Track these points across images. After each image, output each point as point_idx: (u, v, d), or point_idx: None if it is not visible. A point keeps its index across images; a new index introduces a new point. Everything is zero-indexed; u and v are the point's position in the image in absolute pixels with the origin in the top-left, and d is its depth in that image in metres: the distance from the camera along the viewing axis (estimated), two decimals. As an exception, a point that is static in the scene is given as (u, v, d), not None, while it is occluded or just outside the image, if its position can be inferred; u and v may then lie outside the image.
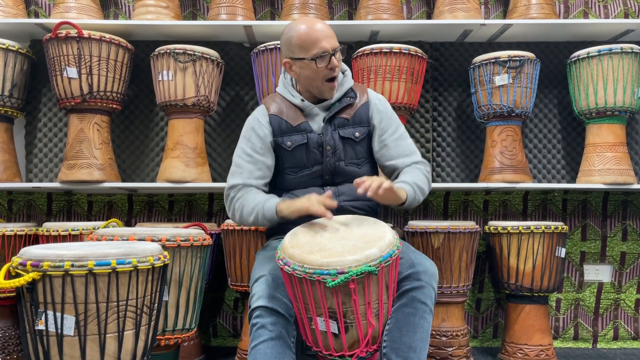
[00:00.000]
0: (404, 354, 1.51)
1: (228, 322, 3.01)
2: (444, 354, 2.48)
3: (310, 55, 1.77)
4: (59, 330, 1.33)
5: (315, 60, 1.77)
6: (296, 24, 1.82)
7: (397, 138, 1.89)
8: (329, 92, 1.85)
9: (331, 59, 1.78)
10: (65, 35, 2.52)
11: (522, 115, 2.70)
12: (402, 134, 1.92)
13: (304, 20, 1.84)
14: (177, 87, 2.59)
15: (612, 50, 2.61)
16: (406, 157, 1.88)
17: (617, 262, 3.03)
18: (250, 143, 1.87)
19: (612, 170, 2.64)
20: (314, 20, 1.83)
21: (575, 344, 3.01)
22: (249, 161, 1.85)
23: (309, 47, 1.77)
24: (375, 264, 1.42)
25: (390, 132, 1.89)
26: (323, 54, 1.77)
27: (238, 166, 1.87)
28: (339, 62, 1.83)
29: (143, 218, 3.03)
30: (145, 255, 1.45)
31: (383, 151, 1.89)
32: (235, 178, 1.85)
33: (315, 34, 1.77)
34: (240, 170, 1.85)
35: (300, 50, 1.79)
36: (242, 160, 1.86)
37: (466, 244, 2.49)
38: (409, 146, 1.91)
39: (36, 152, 2.96)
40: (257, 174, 1.85)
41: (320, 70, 1.79)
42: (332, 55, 1.78)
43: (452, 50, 3.02)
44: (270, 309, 1.53)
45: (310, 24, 1.80)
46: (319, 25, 1.80)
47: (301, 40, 1.77)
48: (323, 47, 1.76)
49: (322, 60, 1.77)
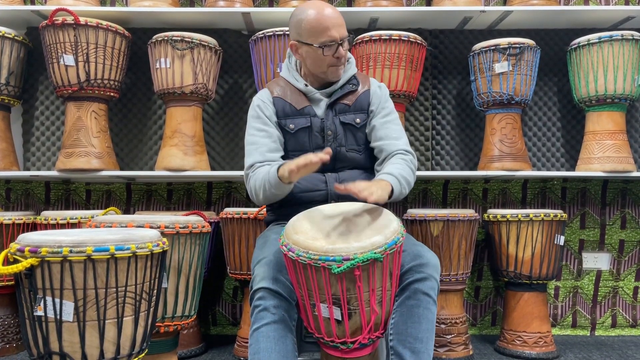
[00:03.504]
0: (411, 345, 1.51)
1: (227, 311, 3.01)
2: (443, 342, 2.49)
3: (318, 43, 1.77)
4: (58, 316, 1.33)
5: (323, 48, 1.76)
6: (307, 7, 1.80)
7: (386, 121, 1.88)
8: (334, 75, 1.85)
9: (338, 48, 1.78)
10: (62, 22, 2.50)
11: (521, 103, 2.69)
12: (393, 119, 1.90)
13: (316, 4, 1.80)
14: (174, 74, 2.57)
15: (612, 37, 2.60)
16: (393, 139, 1.85)
17: (615, 250, 3.03)
18: (261, 119, 1.85)
19: (612, 158, 2.63)
20: (326, 5, 1.79)
21: (573, 331, 3.02)
22: (263, 135, 1.83)
23: (318, 34, 1.76)
24: (381, 251, 1.42)
25: (382, 114, 1.88)
26: (331, 42, 1.76)
27: (253, 143, 1.83)
28: (346, 51, 1.82)
29: (141, 207, 3.02)
30: (144, 242, 1.44)
31: (372, 133, 1.88)
32: (253, 156, 1.81)
33: (326, 22, 1.75)
34: (256, 146, 1.82)
35: (308, 36, 1.78)
36: (256, 137, 1.83)
37: (465, 232, 2.49)
38: (396, 131, 1.88)
39: (33, 141, 2.95)
40: (273, 147, 1.82)
41: (326, 58, 1.79)
42: (340, 44, 1.77)
43: (451, 38, 3.01)
44: (273, 291, 1.52)
45: (321, 9, 1.77)
46: (330, 12, 1.77)
47: (310, 25, 1.76)
48: (332, 36, 1.76)
49: (329, 49, 1.77)
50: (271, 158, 1.80)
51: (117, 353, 1.40)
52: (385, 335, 1.57)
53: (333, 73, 1.84)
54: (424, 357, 1.52)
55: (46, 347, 1.35)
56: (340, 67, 1.84)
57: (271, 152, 1.81)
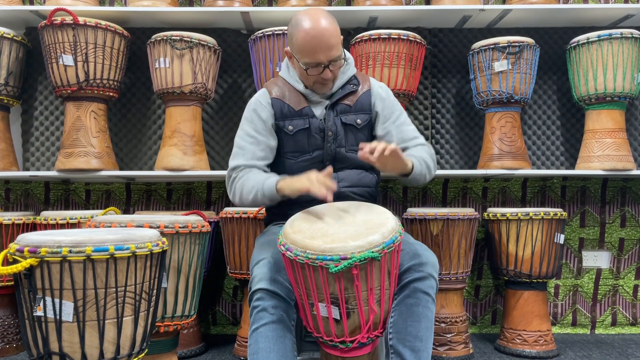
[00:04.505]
0: (410, 343, 1.51)
1: (227, 310, 3.01)
2: (443, 340, 2.49)
3: (303, 63, 1.75)
4: (58, 316, 1.33)
5: (306, 69, 1.76)
6: (303, 19, 1.73)
7: (399, 124, 1.90)
8: (320, 90, 1.84)
9: (324, 70, 1.75)
10: (61, 22, 2.49)
11: (521, 101, 2.69)
12: (404, 120, 1.92)
13: (313, 17, 1.72)
14: (174, 74, 2.57)
15: (612, 35, 2.59)
16: (409, 141, 1.89)
17: (615, 249, 3.03)
18: (253, 124, 1.86)
19: (611, 156, 2.63)
20: (322, 19, 1.72)
21: (573, 329, 3.02)
22: (251, 142, 1.84)
23: (305, 53, 1.73)
24: (378, 250, 1.42)
25: (392, 119, 1.90)
26: (316, 65, 1.74)
27: (240, 147, 1.85)
28: (336, 70, 1.80)
29: (141, 207, 3.02)
30: (144, 241, 1.44)
31: (387, 138, 1.89)
32: (238, 159, 1.84)
33: (313, 44, 1.70)
34: (242, 151, 1.84)
35: (297, 51, 1.76)
36: (244, 141, 1.85)
37: (465, 230, 2.49)
38: (411, 132, 1.92)
39: (33, 141, 2.95)
40: (259, 155, 1.84)
41: (310, 77, 1.79)
42: (326, 67, 1.75)
43: (451, 37, 3.00)
44: (272, 291, 1.52)
45: (315, 26, 1.70)
46: (323, 30, 1.70)
47: (299, 43, 1.73)
48: (317, 60, 1.73)
49: (314, 70, 1.76)
50: (255, 165, 1.83)
51: (117, 353, 1.40)
52: (384, 334, 1.57)
53: (319, 89, 1.84)
54: (424, 356, 1.52)
55: (46, 347, 1.35)
56: (328, 84, 1.82)
57: (256, 159, 1.83)
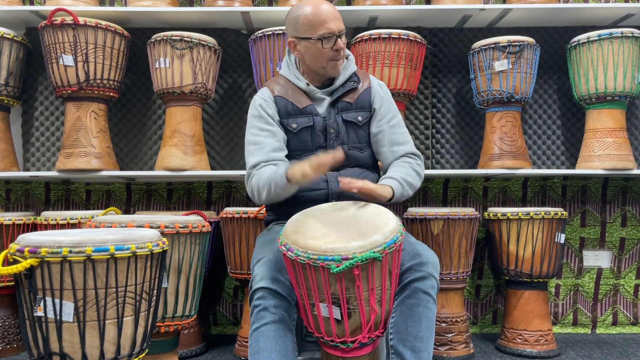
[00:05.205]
0: (411, 344, 1.51)
1: (228, 310, 3.01)
2: (444, 340, 2.49)
3: (317, 35, 1.78)
4: (58, 316, 1.33)
5: (322, 40, 1.78)
6: (303, 3, 1.82)
7: (393, 125, 1.90)
8: (333, 69, 1.85)
9: (337, 40, 1.79)
10: (61, 23, 2.49)
11: (521, 101, 2.69)
12: (398, 122, 1.93)
13: (311, 1, 1.83)
14: (174, 74, 2.57)
15: (612, 34, 2.59)
16: (400, 145, 1.89)
17: (616, 248, 3.03)
18: (263, 119, 1.84)
19: (612, 155, 2.63)
20: (321, 1, 1.83)
21: (574, 329, 3.02)
22: (267, 135, 1.81)
23: (316, 27, 1.77)
24: (380, 250, 1.41)
25: (387, 118, 1.90)
26: (329, 35, 1.77)
27: (257, 143, 1.81)
28: (344, 45, 1.83)
29: (141, 207, 3.02)
30: (144, 242, 1.44)
31: (379, 136, 1.90)
32: (256, 155, 1.78)
33: (323, 15, 1.78)
34: (260, 146, 1.80)
35: (306, 30, 1.79)
36: (259, 137, 1.81)
37: (465, 230, 2.49)
38: (402, 135, 1.92)
39: (33, 141, 2.95)
40: (276, 146, 1.80)
41: (325, 51, 1.79)
42: (338, 37, 1.79)
43: (451, 36, 3.00)
44: (273, 290, 1.52)
45: (317, 4, 1.80)
46: (326, 6, 1.81)
47: (308, 20, 1.78)
48: (330, 29, 1.77)
49: (328, 42, 1.78)
50: (276, 157, 1.78)
51: (118, 353, 1.40)
52: (385, 334, 1.57)
53: (332, 68, 1.84)
54: (425, 356, 1.51)
55: (46, 347, 1.34)
56: (340, 61, 1.85)
57: (275, 151, 1.80)
